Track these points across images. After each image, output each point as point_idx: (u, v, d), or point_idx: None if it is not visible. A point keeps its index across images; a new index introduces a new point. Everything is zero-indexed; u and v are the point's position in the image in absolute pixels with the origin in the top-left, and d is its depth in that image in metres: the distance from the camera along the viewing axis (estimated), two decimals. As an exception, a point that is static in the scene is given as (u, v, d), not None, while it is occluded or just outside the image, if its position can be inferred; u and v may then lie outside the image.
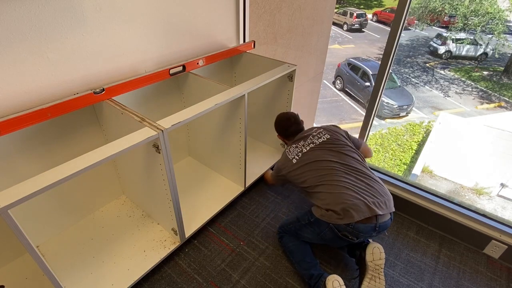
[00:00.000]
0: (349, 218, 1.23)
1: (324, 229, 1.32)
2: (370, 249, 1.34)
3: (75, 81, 1.29)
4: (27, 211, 1.37)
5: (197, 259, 1.55)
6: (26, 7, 1.07)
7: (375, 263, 1.32)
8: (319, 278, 1.32)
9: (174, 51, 1.65)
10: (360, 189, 1.30)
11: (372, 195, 1.29)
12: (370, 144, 7.47)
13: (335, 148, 1.44)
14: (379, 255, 1.32)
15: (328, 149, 1.44)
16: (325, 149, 1.44)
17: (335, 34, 13.44)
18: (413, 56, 11.38)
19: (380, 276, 1.32)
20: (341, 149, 1.44)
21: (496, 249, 1.58)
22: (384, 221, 1.29)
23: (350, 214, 1.23)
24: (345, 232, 1.27)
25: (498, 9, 10.30)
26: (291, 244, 1.51)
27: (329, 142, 1.47)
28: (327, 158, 1.40)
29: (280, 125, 1.69)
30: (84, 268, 1.40)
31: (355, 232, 1.26)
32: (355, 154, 1.45)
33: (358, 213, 1.24)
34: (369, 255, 1.33)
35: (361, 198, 1.27)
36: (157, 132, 1.15)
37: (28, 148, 1.28)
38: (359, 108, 8.73)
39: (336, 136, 1.51)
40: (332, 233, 1.30)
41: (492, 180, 6.07)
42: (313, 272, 1.36)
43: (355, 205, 1.25)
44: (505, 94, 9.31)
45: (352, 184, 1.32)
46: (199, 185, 1.91)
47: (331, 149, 1.44)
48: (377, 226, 1.27)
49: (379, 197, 1.30)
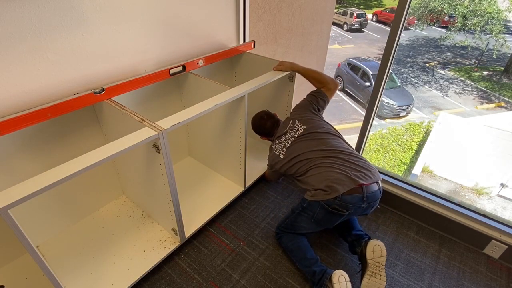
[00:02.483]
0: (335, 192, 1.30)
1: (316, 210, 1.38)
2: (371, 246, 1.34)
3: (75, 81, 1.29)
4: (27, 211, 1.37)
5: (197, 259, 1.55)
6: (26, 7, 1.07)
7: (375, 260, 1.32)
8: (322, 274, 1.33)
9: (174, 51, 1.65)
10: (341, 165, 1.38)
11: (354, 169, 1.37)
12: (370, 144, 7.47)
13: (312, 136, 1.52)
14: (380, 253, 1.33)
15: (307, 139, 1.52)
16: (304, 140, 1.52)
17: (335, 34, 13.44)
18: (413, 56, 11.38)
19: (381, 273, 1.32)
20: (318, 135, 1.52)
21: (496, 249, 1.58)
22: (372, 192, 1.34)
23: (335, 188, 1.31)
24: (334, 205, 1.33)
25: (498, 9, 10.29)
26: (290, 244, 1.51)
27: (305, 133, 1.54)
28: (310, 149, 1.48)
29: (257, 127, 1.77)
30: (84, 268, 1.40)
31: (344, 204, 1.32)
32: (330, 133, 1.53)
33: (343, 186, 1.31)
34: (370, 252, 1.33)
35: (343, 172, 1.34)
36: (157, 132, 1.15)
37: (28, 148, 1.28)
38: (359, 108, 8.73)
39: (310, 123, 1.57)
40: (323, 210, 1.35)
41: (492, 180, 6.07)
42: (315, 268, 1.37)
43: (338, 179, 1.33)
44: (505, 94, 9.30)
45: (333, 162, 1.39)
46: (199, 185, 1.91)
47: (310, 139, 1.51)
48: (364, 197, 1.32)
49: (361, 170, 1.37)
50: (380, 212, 1.86)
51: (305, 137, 1.53)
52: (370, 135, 3.29)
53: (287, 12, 2.41)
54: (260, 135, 1.80)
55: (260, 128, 1.76)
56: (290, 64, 1.77)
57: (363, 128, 1.81)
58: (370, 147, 7.43)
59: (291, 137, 1.57)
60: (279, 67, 1.77)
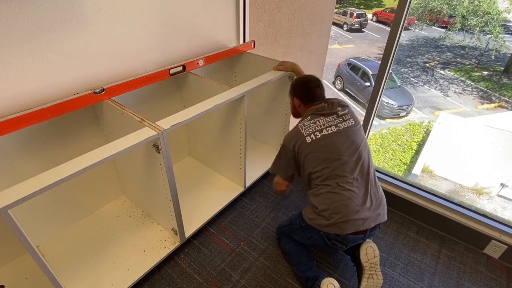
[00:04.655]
0: (340, 230, 1.20)
1: (314, 235, 1.30)
2: (364, 249, 1.34)
3: (75, 81, 1.29)
4: (27, 211, 1.37)
5: (197, 259, 1.55)
6: (27, 7, 1.07)
7: (370, 262, 1.32)
8: (314, 281, 1.33)
9: (174, 51, 1.65)
10: (361, 198, 1.23)
11: (371, 208, 1.23)
12: (370, 144, 7.47)
13: (355, 144, 1.28)
14: (373, 253, 1.33)
15: (349, 142, 1.27)
16: (347, 142, 1.27)
17: (335, 34, 13.43)
18: (413, 56, 11.37)
19: (377, 272, 1.32)
20: (360, 145, 1.29)
21: (496, 249, 1.58)
22: (374, 231, 1.27)
23: (341, 226, 1.19)
24: (334, 241, 1.27)
25: (497, 10, 10.27)
26: (288, 247, 1.51)
27: (352, 130, 1.30)
28: (346, 157, 1.24)
29: (303, 86, 1.40)
30: (84, 268, 1.40)
31: (345, 242, 1.26)
32: (367, 151, 1.32)
33: (351, 226, 1.19)
34: (364, 256, 1.33)
35: (358, 208, 1.21)
36: (157, 132, 1.15)
37: (28, 148, 1.28)
38: (359, 108, 8.72)
39: (357, 124, 1.34)
40: (322, 240, 1.29)
41: (492, 180, 6.07)
42: (309, 274, 1.37)
43: (348, 215, 1.19)
44: (505, 94, 9.30)
45: (357, 193, 1.23)
46: (199, 185, 1.91)
47: (352, 144, 1.27)
48: (366, 236, 1.26)
49: (377, 209, 1.24)
50: (380, 212, 1.86)
51: (349, 136, 1.28)
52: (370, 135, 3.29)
53: (287, 12, 2.41)
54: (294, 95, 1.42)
55: (305, 88, 1.39)
56: (291, 65, 1.75)
57: (363, 128, 1.81)
58: (370, 147, 7.42)
59: (335, 124, 1.28)
60: (279, 66, 1.76)
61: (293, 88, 1.44)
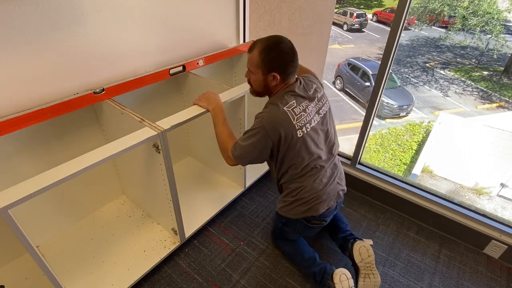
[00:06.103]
0: (315, 212, 1.28)
1: (296, 225, 1.37)
2: (357, 249, 1.35)
3: (75, 81, 1.29)
4: (27, 211, 1.37)
5: (197, 259, 1.55)
6: (27, 7, 1.07)
7: (365, 262, 1.33)
8: (323, 274, 1.33)
9: (174, 51, 1.65)
10: (331, 177, 1.30)
11: (339, 183, 1.34)
12: (370, 144, 7.47)
13: (329, 131, 1.27)
14: (367, 253, 1.34)
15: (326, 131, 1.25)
16: (326, 132, 1.26)
17: (335, 34, 13.42)
18: (413, 56, 11.37)
19: (373, 272, 1.32)
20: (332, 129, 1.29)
21: (496, 249, 1.58)
22: (341, 200, 1.38)
23: (315, 208, 1.27)
24: (314, 221, 1.34)
25: (497, 10, 10.27)
26: (286, 248, 1.53)
27: (329, 116, 1.26)
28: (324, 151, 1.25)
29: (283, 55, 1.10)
30: (84, 268, 1.40)
31: (323, 218, 1.34)
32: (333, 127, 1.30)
33: (323, 205, 1.28)
34: (357, 256, 1.34)
35: (329, 189, 1.29)
36: (157, 132, 1.15)
37: (28, 148, 1.28)
38: (359, 108, 8.72)
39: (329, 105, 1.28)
40: (304, 225, 1.35)
41: (492, 180, 6.07)
42: (315, 269, 1.37)
43: (322, 200, 1.27)
44: (505, 94, 9.30)
45: (326, 173, 1.27)
46: (199, 185, 1.91)
47: (327, 133, 1.26)
48: (337, 206, 1.36)
49: (341, 182, 1.35)
50: (380, 212, 1.86)
51: (327, 121, 1.26)
52: (370, 135, 3.28)
53: (287, 12, 2.41)
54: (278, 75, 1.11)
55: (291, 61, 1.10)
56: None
57: (363, 128, 1.81)
58: (370, 147, 7.42)
59: (317, 112, 1.17)
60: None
61: (270, 58, 1.09)
